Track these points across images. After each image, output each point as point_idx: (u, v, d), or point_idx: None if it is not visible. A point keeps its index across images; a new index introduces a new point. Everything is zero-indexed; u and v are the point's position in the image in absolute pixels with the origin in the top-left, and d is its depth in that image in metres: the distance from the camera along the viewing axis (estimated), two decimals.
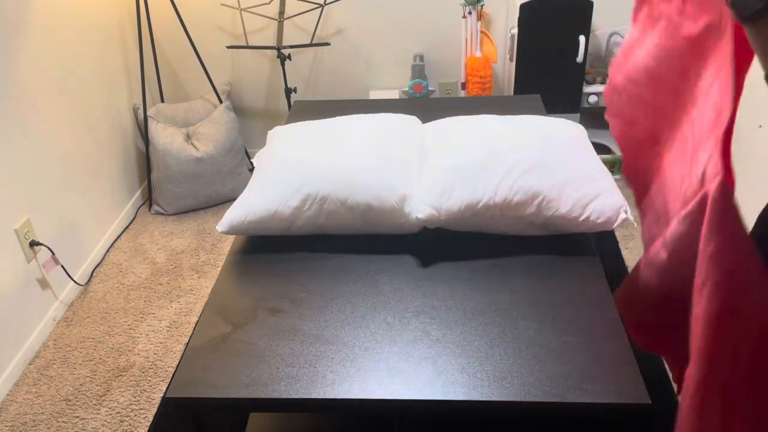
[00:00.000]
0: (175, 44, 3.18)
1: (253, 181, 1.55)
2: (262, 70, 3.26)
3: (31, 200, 2.28)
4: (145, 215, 3.07)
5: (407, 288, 1.29)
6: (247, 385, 1.07)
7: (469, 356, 1.11)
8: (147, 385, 2.09)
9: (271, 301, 1.26)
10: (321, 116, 1.96)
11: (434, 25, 3.09)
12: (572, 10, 2.71)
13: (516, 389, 1.04)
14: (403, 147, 1.55)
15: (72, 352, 2.25)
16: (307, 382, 1.07)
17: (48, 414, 2.01)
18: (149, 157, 2.98)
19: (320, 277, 1.33)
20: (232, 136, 3.07)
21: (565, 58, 2.81)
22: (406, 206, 1.40)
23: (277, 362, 1.11)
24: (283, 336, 1.17)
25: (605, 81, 2.95)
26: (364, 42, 3.15)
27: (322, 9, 3.00)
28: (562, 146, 1.50)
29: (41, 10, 2.37)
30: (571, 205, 1.37)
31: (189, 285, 2.56)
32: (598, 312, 1.20)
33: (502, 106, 2.01)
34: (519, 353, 1.11)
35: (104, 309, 2.46)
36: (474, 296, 1.25)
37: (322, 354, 1.12)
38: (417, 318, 1.20)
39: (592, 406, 1.02)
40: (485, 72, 2.93)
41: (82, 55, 2.65)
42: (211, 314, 1.23)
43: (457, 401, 1.03)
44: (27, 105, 2.27)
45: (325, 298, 1.26)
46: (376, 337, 1.16)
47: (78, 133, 2.60)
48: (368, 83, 3.26)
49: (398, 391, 1.05)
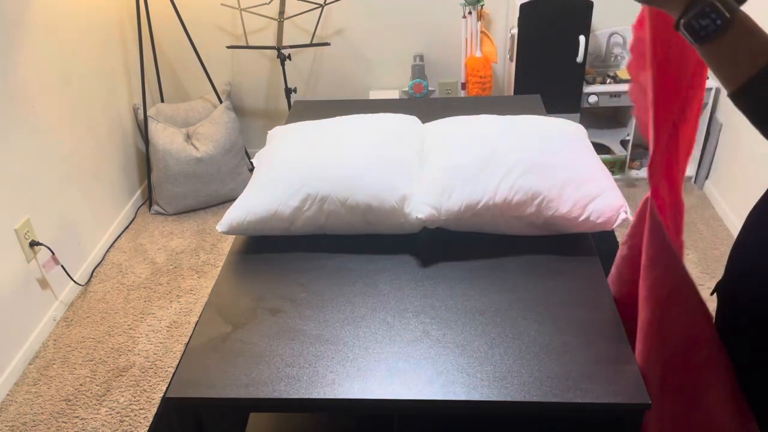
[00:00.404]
0: (175, 44, 3.18)
1: (253, 181, 1.55)
2: (262, 70, 3.26)
3: (31, 200, 2.28)
4: (145, 215, 3.07)
5: (407, 288, 1.29)
6: (247, 385, 1.07)
7: (469, 356, 1.11)
8: (147, 385, 2.09)
9: (271, 301, 1.26)
10: (321, 116, 1.96)
11: (434, 25, 3.09)
12: (572, 10, 2.71)
13: (516, 389, 1.04)
14: (403, 147, 1.55)
15: (72, 352, 2.25)
16: (307, 382, 1.07)
17: (48, 414, 2.01)
18: (149, 157, 2.98)
19: (320, 277, 1.33)
20: (232, 136, 3.07)
21: (565, 58, 2.81)
22: (406, 206, 1.40)
23: (277, 362, 1.11)
24: (283, 336, 1.17)
25: (605, 81, 2.95)
26: (364, 42, 3.15)
27: (322, 9, 3.00)
28: (562, 146, 1.49)
29: (41, 10, 2.37)
30: (571, 205, 1.37)
31: (189, 285, 2.56)
32: (598, 312, 1.20)
33: (502, 106, 2.01)
34: (519, 353, 1.11)
35: (104, 309, 2.46)
36: (474, 296, 1.25)
37: (322, 354, 1.12)
38: (417, 318, 1.20)
39: (592, 406, 1.02)
40: (485, 72, 2.93)
41: (82, 55, 2.65)
42: (211, 314, 1.23)
43: (457, 401, 1.03)
44: (27, 105, 2.27)
45: (325, 298, 1.26)
46: (376, 337, 1.16)
47: (78, 133, 2.60)
48: (368, 83, 3.27)
49: (398, 391, 1.05)
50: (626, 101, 2.93)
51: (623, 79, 2.95)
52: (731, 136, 2.74)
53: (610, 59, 3.08)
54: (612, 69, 3.07)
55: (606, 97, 2.92)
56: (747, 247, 1.00)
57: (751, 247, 0.99)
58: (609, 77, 2.97)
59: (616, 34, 3.03)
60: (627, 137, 3.10)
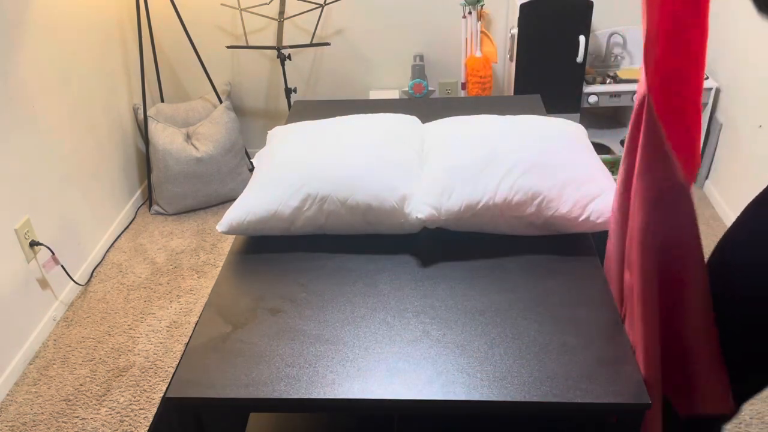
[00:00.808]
0: (175, 44, 3.18)
1: (253, 181, 1.55)
2: (262, 70, 3.26)
3: (31, 200, 2.28)
4: (145, 215, 3.07)
5: (407, 288, 1.29)
6: (247, 385, 1.07)
7: (469, 356, 1.11)
8: (147, 385, 2.09)
9: (271, 301, 1.26)
10: (321, 116, 1.96)
11: (434, 25, 3.09)
12: (572, 10, 2.71)
13: (516, 389, 1.04)
14: (403, 147, 1.55)
15: (72, 352, 2.25)
16: (307, 382, 1.07)
17: (48, 414, 2.01)
18: (149, 157, 2.98)
19: (320, 277, 1.33)
20: (232, 136, 3.07)
21: (565, 58, 2.81)
22: (406, 206, 1.40)
23: (277, 362, 1.11)
24: (283, 336, 1.17)
25: (605, 81, 2.95)
26: (364, 42, 3.15)
27: (322, 9, 3.00)
28: (562, 146, 1.49)
29: (41, 10, 2.37)
30: (571, 205, 1.37)
31: (189, 285, 2.56)
32: (598, 312, 1.20)
33: (502, 106, 2.01)
34: (519, 353, 1.11)
35: (104, 309, 2.46)
36: (474, 296, 1.25)
37: (322, 354, 1.12)
38: (417, 318, 1.20)
39: (592, 406, 1.02)
40: (485, 72, 2.93)
41: (82, 55, 2.65)
42: (211, 314, 1.24)
43: (457, 401, 1.03)
44: (27, 105, 2.27)
45: (325, 298, 1.26)
46: (376, 337, 1.16)
47: (78, 133, 2.60)
48: (368, 83, 3.27)
49: (398, 391, 1.05)
50: (626, 101, 2.93)
51: (623, 79, 2.95)
52: (731, 136, 2.74)
53: (610, 59, 3.08)
54: (612, 69, 3.07)
55: (606, 97, 2.92)
56: (742, 242, 1.02)
57: (747, 241, 1.01)
58: (609, 77, 2.97)
59: (616, 34, 3.03)
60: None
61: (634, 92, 2.89)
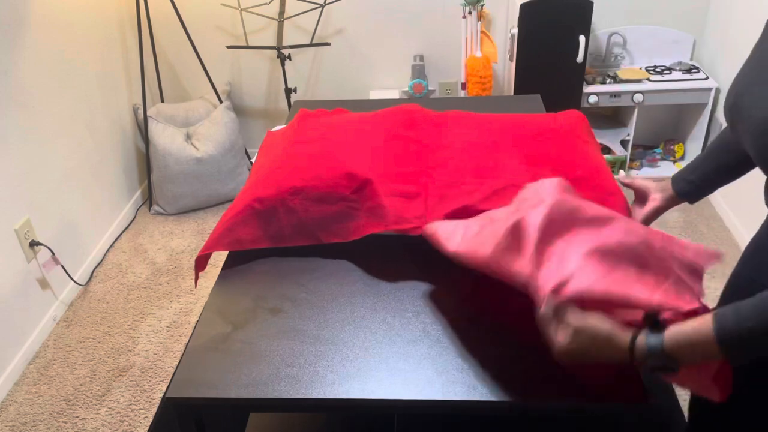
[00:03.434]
0: (175, 44, 3.19)
1: None
2: (262, 70, 3.26)
3: (31, 200, 2.28)
4: (145, 215, 3.07)
5: (407, 288, 1.29)
6: (247, 385, 1.07)
7: (469, 356, 1.11)
8: (147, 385, 2.09)
9: (271, 301, 1.26)
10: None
11: (434, 25, 3.09)
12: (572, 10, 2.71)
13: (516, 389, 1.04)
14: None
15: (72, 352, 2.25)
16: (307, 382, 1.07)
17: (48, 414, 2.00)
18: (149, 157, 2.98)
19: (320, 277, 1.33)
20: (232, 136, 3.07)
21: (565, 58, 2.81)
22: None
23: (277, 362, 1.11)
24: (283, 336, 1.17)
25: (605, 81, 2.95)
26: (364, 42, 3.15)
27: (322, 9, 3.00)
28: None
29: (41, 10, 2.37)
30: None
31: (189, 285, 2.56)
32: None
33: (502, 106, 2.01)
34: (519, 353, 1.11)
35: (104, 309, 2.46)
36: (474, 296, 1.25)
37: (322, 354, 1.12)
38: (417, 318, 1.20)
39: (592, 406, 1.02)
40: (485, 72, 2.93)
41: (82, 55, 2.65)
42: (211, 314, 1.23)
43: (457, 401, 1.03)
44: (27, 105, 2.27)
45: (325, 298, 1.26)
46: (376, 337, 1.16)
47: (78, 133, 2.61)
48: (368, 83, 3.27)
49: (398, 391, 1.05)
50: (626, 101, 2.93)
51: (623, 79, 2.95)
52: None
53: (610, 59, 3.08)
54: (612, 69, 3.07)
55: (606, 97, 2.92)
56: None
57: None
58: (609, 77, 2.97)
59: (616, 34, 3.03)
60: (627, 137, 3.10)
61: (634, 92, 2.90)
